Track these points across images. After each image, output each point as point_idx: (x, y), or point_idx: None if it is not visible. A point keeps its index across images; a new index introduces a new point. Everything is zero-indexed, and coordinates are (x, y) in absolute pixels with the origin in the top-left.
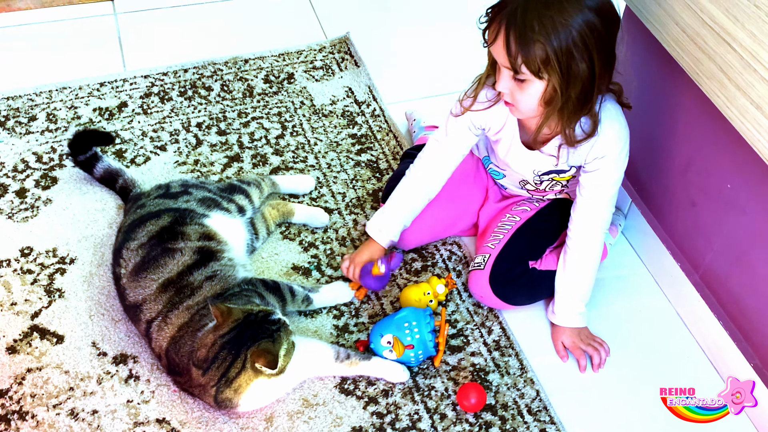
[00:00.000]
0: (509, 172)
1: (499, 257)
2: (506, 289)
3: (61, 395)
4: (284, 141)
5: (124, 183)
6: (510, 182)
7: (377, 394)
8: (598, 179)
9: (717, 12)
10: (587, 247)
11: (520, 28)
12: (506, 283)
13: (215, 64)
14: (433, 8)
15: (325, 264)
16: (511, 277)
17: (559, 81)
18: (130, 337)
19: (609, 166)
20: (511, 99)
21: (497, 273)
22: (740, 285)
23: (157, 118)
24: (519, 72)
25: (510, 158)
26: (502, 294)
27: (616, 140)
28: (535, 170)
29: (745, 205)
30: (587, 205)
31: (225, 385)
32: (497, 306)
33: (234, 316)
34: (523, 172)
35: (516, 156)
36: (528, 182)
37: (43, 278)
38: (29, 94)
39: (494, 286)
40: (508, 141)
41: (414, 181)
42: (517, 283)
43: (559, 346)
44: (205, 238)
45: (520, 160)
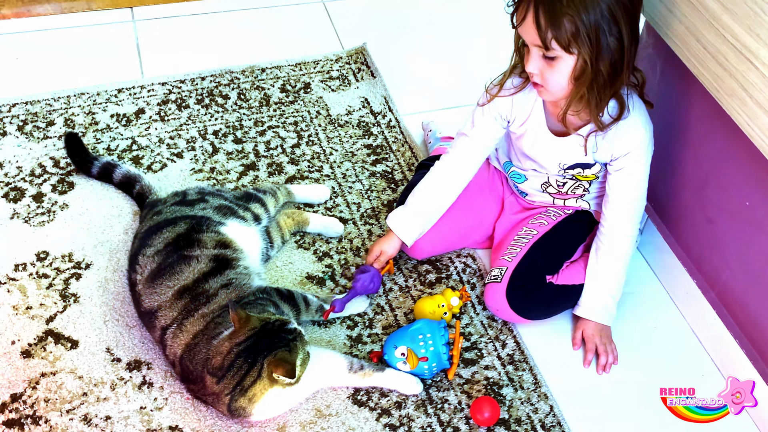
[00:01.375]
0: (531, 172)
1: (516, 271)
2: (523, 303)
3: (74, 400)
4: (300, 150)
5: (141, 189)
6: (531, 186)
7: (390, 405)
8: (625, 177)
9: (739, 29)
10: (618, 242)
11: (549, 2)
12: (523, 297)
13: (232, 72)
14: (449, 20)
15: (339, 274)
16: (528, 291)
17: (589, 54)
18: (144, 343)
19: (635, 163)
20: (540, 79)
21: (514, 287)
22: (757, 303)
23: (174, 126)
24: (549, 48)
25: (536, 150)
26: (519, 308)
27: (641, 136)
28: (561, 162)
29: (763, 223)
30: (617, 202)
31: (240, 393)
32: (513, 320)
33: (251, 325)
34: (548, 166)
35: (543, 146)
36: (550, 184)
37: (59, 283)
38: (47, 99)
39: (511, 300)
40: (534, 131)
41: (440, 174)
42: (533, 298)
43: (577, 335)
44: (221, 246)
45: (547, 151)
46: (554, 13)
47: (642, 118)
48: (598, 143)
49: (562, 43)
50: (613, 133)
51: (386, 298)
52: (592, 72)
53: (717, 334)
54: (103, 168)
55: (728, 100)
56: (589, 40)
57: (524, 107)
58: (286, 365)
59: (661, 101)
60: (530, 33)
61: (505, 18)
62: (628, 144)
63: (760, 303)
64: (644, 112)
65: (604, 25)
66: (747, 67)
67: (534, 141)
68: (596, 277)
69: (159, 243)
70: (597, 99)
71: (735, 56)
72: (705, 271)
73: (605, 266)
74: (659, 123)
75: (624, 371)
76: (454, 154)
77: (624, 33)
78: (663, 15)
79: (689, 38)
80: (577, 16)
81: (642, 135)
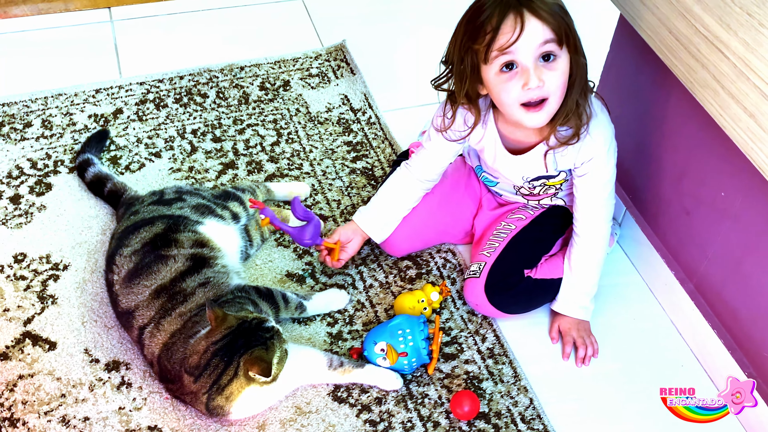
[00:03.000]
0: (502, 178)
1: (494, 266)
2: (502, 298)
3: (52, 402)
4: (279, 148)
5: (113, 187)
6: (504, 189)
7: (370, 401)
8: (591, 182)
9: (710, 20)
10: (590, 243)
11: (539, 2)
12: (501, 292)
13: (211, 71)
14: (428, 16)
15: (320, 271)
16: (506, 285)
17: (574, 49)
18: (123, 344)
19: (599, 168)
20: (544, 89)
21: (493, 282)
22: (735, 293)
23: (152, 125)
24: (563, 40)
25: (498, 165)
26: (498, 303)
27: (602, 140)
28: (524, 176)
29: (738, 213)
30: (586, 205)
31: (217, 392)
32: (492, 314)
33: (228, 323)
34: (512, 178)
35: (503, 163)
36: (522, 187)
37: (37, 284)
38: (24, 101)
39: (489, 295)
40: (492, 149)
41: (400, 180)
42: (512, 292)
43: (554, 329)
44: (199, 245)
45: (507, 167)
46: (549, 9)
47: (600, 124)
48: (557, 158)
49: (563, 35)
50: (574, 147)
51: (366, 294)
52: (576, 67)
53: (695, 325)
54: (81, 165)
55: (701, 91)
56: (567, 29)
57: (477, 130)
58: (262, 364)
59: (637, 93)
60: (535, 35)
61: None
62: (589, 151)
63: (738, 293)
64: (604, 114)
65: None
66: (718, 57)
67: (494, 158)
68: (571, 276)
69: (136, 243)
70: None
71: (707, 47)
72: (683, 262)
73: (579, 266)
74: (635, 115)
75: (603, 363)
76: (415, 164)
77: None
78: (635, 6)
79: (662, 29)
80: (560, 10)
81: (602, 141)
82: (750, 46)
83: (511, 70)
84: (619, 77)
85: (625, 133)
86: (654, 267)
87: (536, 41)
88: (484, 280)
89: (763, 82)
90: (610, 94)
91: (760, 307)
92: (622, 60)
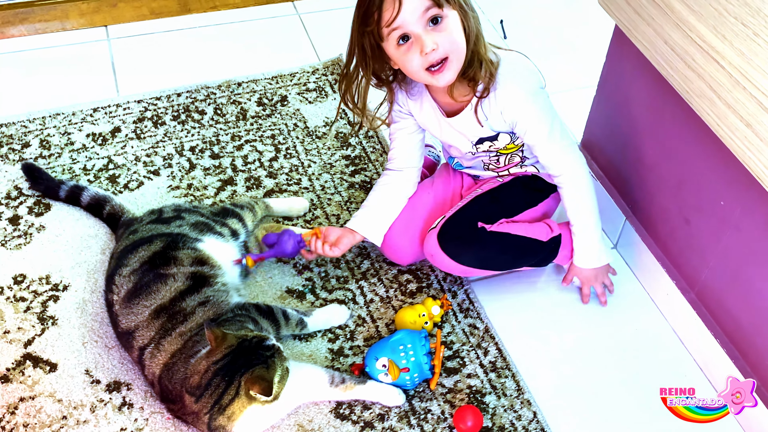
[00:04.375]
0: (464, 158)
1: (450, 218)
2: (454, 245)
3: (54, 424)
4: (278, 163)
5: (111, 209)
6: (475, 169)
7: (373, 418)
8: (532, 135)
9: (705, 30)
10: (573, 187)
11: None
12: (453, 238)
13: (208, 87)
14: None
15: (320, 287)
16: (458, 234)
17: (459, 8)
18: (124, 364)
19: (532, 118)
20: (440, 49)
21: (446, 230)
22: (736, 302)
23: (150, 143)
24: (442, 5)
25: (444, 135)
26: (450, 250)
27: (518, 90)
28: (470, 140)
29: (738, 221)
30: (548, 158)
31: (218, 412)
32: (448, 267)
33: (228, 342)
34: (461, 146)
35: (445, 130)
36: (488, 163)
37: (36, 306)
38: (22, 121)
39: (442, 243)
40: (435, 119)
41: (384, 181)
42: (463, 239)
43: (569, 278)
44: (198, 262)
45: (450, 133)
46: None
47: (512, 73)
48: (486, 112)
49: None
50: (494, 100)
51: (367, 309)
52: (467, 27)
53: (698, 334)
54: (71, 191)
55: (697, 101)
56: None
57: (415, 100)
58: (263, 383)
59: (634, 103)
60: (414, 4)
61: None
62: (510, 104)
63: (740, 302)
64: (520, 65)
65: None
66: (714, 67)
67: (440, 128)
68: (574, 228)
69: (135, 262)
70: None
71: (702, 57)
72: (684, 272)
73: (573, 213)
74: (633, 125)
75: (607, 375)
76: (393, 155)
77: None
78: (631, 18)
79: (657, 40)
80: None
81: (518, 91)
82: (745, 55)
83: (406, 41)
84: (616, 88)
85: (623, 142)
86: (655, 276)
87: (417, 11)
88: (438, 229)
89: (759, 92)
90: (607, 104)
91: (762, 315)
92: (619, 70)
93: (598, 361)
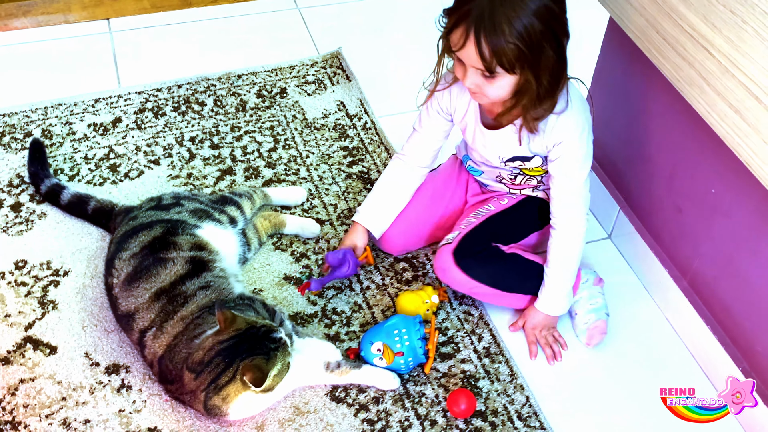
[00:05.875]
0: (484, 166)
1: (467, 235)
2: (468, 261)
3: (53, 405)
4: (276, 154)
5: (98, 204)
6: (488, 178)
7: (368, 401)
8: (563, 167)
9: (695, 19)
10: (567, 236)
11: (490, 32)
12: (468, 255)
13: (208, 79)
14: (422, 22)
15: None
16: (473, 251)
17: (532, 73)
18: (123, 347)
19: (571, 151)
20: (478, 90)
21: (462, 247)
22: (727, 289)
23: (150, 133)
24: (493, 73)
25: (477, 143)
26: (462, 264)
27: (573, 125)
28: (501, 156)
29: (729, 209)
30: (560, 194)
31: (214, 391)
32: (457, 282)
33: (237, 325)
34: (490, 158)
35: (480, 140)
36: (503, 177)
37: (37, 290)
38: (25, 111)
39: (456, 257)
40: (473, 125)
41: (395, 169)
42: (479, 256)
43: (517, 324)
44: (197, 248)
45: (484, 144)
46: (497, 44)
47: (575, 110)
48: (529, 136)
49: (505, 67)
50: (544, 126)
51: (363, 296)
52: (536, 85)
53: (690, 322)
54: (51, 189)
55: (688, 89)
56: (532, 59)
57: (463, 99)
58: (258, 373)
59: (628, 93)
60: (471, 58)
61: None
62: (560, 134)
63: (731, 289)
64: (581, 103)
65: (545, 43)
66: (704, 55)
67: (473, 134)
68: (546, 270)
69: (135, 246)
70: (537, 104)
71: (692, 45)
72: (676, 260)
73: (554, 260)
74: (626, 114)
75: (599, 360)
76: (407, 150)
77: (561, 41)
78: (623, 8)
79: (649, 30)
80: (520, 42)
81: (574, 124)
82: (734, 43)
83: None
84: (610, 78)
85: (617, 132)
86: (648, 265)
87: (469, 61)
88: (455, 245)
89: (747, 78)
90: (601, 95)
91: (752, 302)
92: (613, 61)
93: (590, 349)
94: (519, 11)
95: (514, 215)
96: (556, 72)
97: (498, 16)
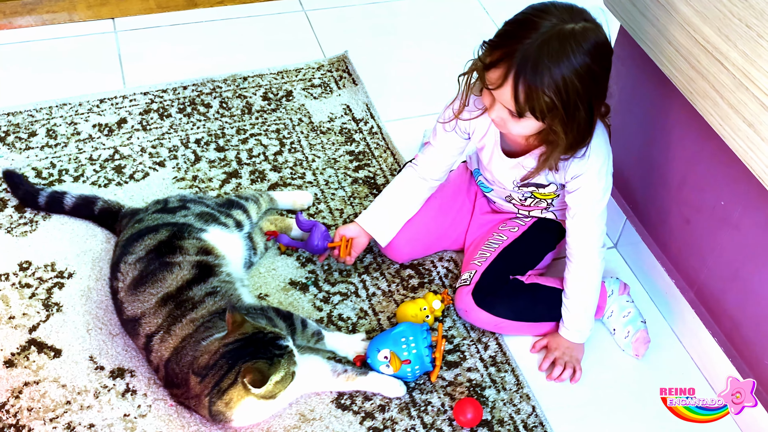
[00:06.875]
0: (495, 185)
1: (484, 273)
2: (488, 299)
3: (58, 409)
4: (282, 157)
5: (105, 205)
6: (497, 196)
7: (374, 409)
8: (581, 198)
9: (710, 32)
10: (584, 268)
11: (531, 80)
12: (488, 294)
13: (214, 81)
14: (430, 27)
15: (323, 279)
16: (493, 289)
17: (562, 126)
18: (128, 351)
19: (590, 184)
20: (502, 123)
21: (481, 286)
22: (735, 302)
23: (156, 135)
24: (523, 116)
25: (492, 166)
26: (485, 304)
27: (594, 157)
28: (515, 181)
29: (738, 222)
30: (577, 226)
31: (217, 395)
32: (481, 321)
33: (244, 329)
34: (504, 182)
35: (497, 164)
36: (513, 198)
37: (42, 292)
38: (29, 110)
39: (476, 297)
40: (491, 148)
41: (406, 180)
42: (498, 293)
43: (540, 342)
44: (203, 252)
45: (500, 169)
46: (535, 92)
47: (598, 146)
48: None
49: (535, 115)
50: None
51: (369, 303)
52: (562, 138)
53: (696, 333)
54: (51, 198)
55: (701, 102)
56: (562, 115)
57: (483, 122)
58: (258, 375)
59: (638, 103)
60: (504, 98)
61: (486, 24)
62: (581, 167)
63: (738, 301)
64: (603, 139)
65: (579, 103)
66: (718, 68)
67: (490, 157)
68: (566, 300)
69: (140, 250)
70: (560, 153)
71: (706, 58)
72: (683, 271)
73: (573, 291)
74: (636, 124)
75: (605, 371)
76: (421, 161)
77: (594, 102)
78: (636, 19)
79: (662, 41)
80: (555, 96)
81: (595, 157)
82: (749, 57)
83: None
84: (620, 87)
85: (626, 142)
86: (655, 276)
87: (502, 100)
88: (473, 286)
89: (762, 93)
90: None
91: (759, 315)
92: (623, 70)
93: (597, 357)
94: (563, 66)
95: (527, 242)
96: (583, 130)
97: (542, 65)
